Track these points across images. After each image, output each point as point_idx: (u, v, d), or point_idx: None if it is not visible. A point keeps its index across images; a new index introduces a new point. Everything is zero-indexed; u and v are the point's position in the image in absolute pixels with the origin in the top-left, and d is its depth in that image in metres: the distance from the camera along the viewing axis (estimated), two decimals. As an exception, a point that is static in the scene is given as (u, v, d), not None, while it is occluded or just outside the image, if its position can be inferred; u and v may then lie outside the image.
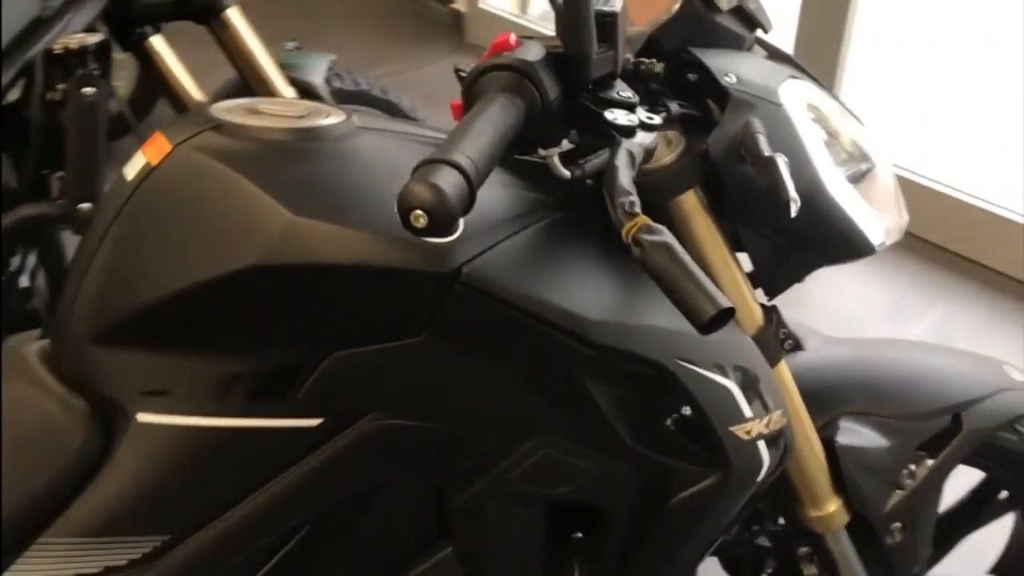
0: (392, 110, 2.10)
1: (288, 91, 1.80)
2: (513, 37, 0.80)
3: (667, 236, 0.72)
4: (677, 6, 0.91)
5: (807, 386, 1.11)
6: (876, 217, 1.01)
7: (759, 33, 0.98)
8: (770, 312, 1.03)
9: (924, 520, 1.24)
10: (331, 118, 0.87)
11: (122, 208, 0.83)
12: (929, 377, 1.21)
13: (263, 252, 0.78)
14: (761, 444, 0.94)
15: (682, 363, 0.87)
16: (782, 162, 0.84)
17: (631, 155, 0.77)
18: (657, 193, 0.92)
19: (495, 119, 0.73)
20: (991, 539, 1.42)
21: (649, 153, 0.82)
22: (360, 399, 0.86)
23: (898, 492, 1.19)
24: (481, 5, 3.88)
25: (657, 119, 0.82)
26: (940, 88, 3.36)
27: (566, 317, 0.83)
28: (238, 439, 0.85)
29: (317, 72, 1.93)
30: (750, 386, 0.92)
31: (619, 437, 0.89)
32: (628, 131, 0.79)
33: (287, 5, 3.74)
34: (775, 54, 1.02)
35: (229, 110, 0.87)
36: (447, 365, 0.85)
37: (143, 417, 0.84)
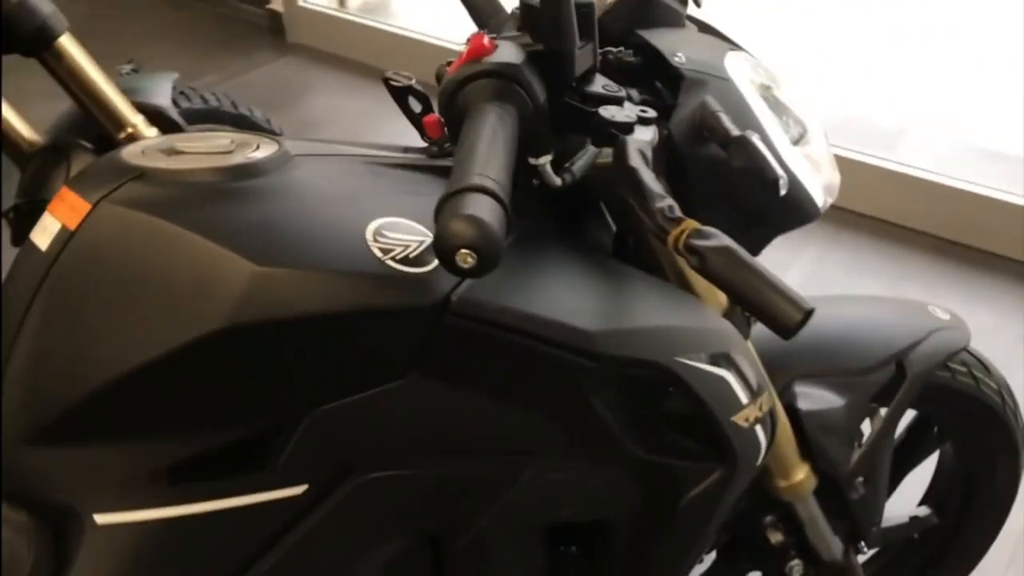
0: (246, 124, 1.97)
1: (136, 118, 1.64)
2: (487, 39, 0.73)
3: (725, 239, 0.67)
4: (622, -13, 0.86)
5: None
6: (817, 180, 1.00)
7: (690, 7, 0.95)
8: None
9: (882, 469, 1.25)
10: (262, 149, 0.78)
11: (40, 285, 0.71)
12: (867, 330, 1.22)
13: (230, 312, 0.68)
14: (758, 428, 0.91)
15: (682, 361, 0.83)
16: (757, 140, 0.81)
17: (642, 154, 0.72)
18: (609, 188, 0.87)
19: (500, 131, 0.66)
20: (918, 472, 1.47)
21: (653, 148, 0.76)
22: (347, 455, 0.78)
23: (858, 447, 1.21)
24: (300, 3, 3.72)
25: (652, 111, 0.76)
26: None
27: (566, 332, 0.77)
28: (216, 523, 0.75)
29: (162, 94, 1.78)
30: (740, 371, 0.89)
31: (625, 447, 0.84)
32: (628, 128, 0.73)
33: (87, 25, 3.47)
34: (703, 27, 0.99)
35: (144, 155, 0.76)
36: (439, 403, 0.78)
37: (101, 519, 0.73)
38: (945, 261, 2.58)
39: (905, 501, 1.49)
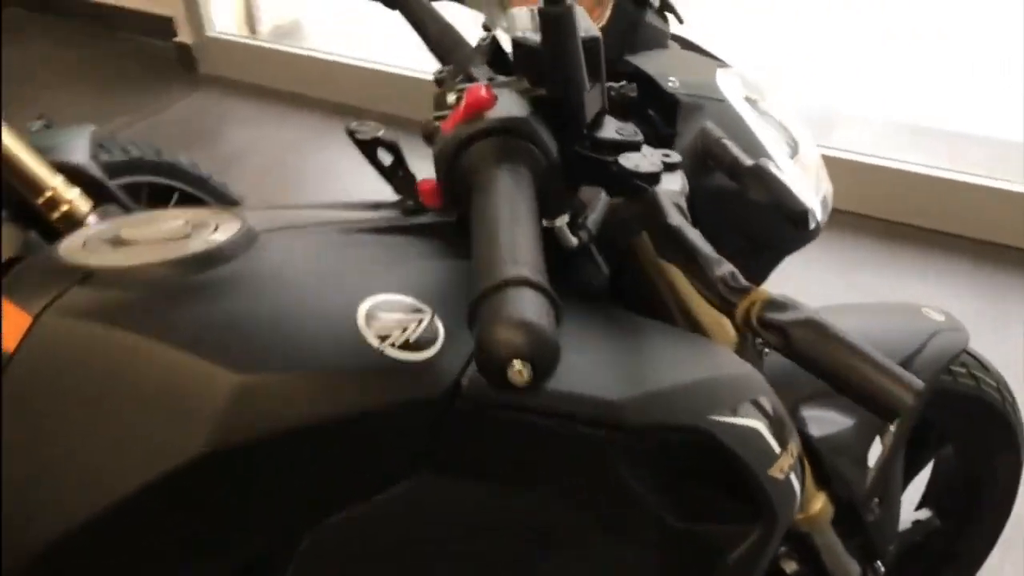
0: (172, 172, 1.84)
1: (55, 179, 1.51)
2: (484, 89, 0.63)
3: (806, 308, 0.58)
4: (608, 12, 0.78)
5: None
6: (814, 193, 0.94)
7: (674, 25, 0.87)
8: None
9: (895, 485, 1.20)
10: (222, 229, 0.68)
11: None
12: (867, 341, 1.16)
13: (213, 433, 0.58)
14: (792, 476, 0.84)
15: (714, 418, 0.75)
16: (773, 168, 0.73)
17: (680, 208, 0.63)
18: (622, 233, 0.79)
19: (520, 200, 0.56)
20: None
21: (685, 198, 0.68)
22: (352, 571, 0.68)
23: (871, 467, 1.15)
24: (210, 34, 3.57)
25: (675, 155, 0.68)
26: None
27: (590, 405, 0.69)
28: None
29: (80, 149, 1.64)
30: (769, 418, 0.81)
31: (661, 520, 0.76)
32: (655, 178, 0.65)
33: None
34: (684, 44, 0.91)
35: (87, 249, 0.65)
36: (453, 499, 0.69)
37: None
38: (895, 244, 2.58)
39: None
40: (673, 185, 0.66)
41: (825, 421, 1.10)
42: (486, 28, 0.92)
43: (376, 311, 0.64)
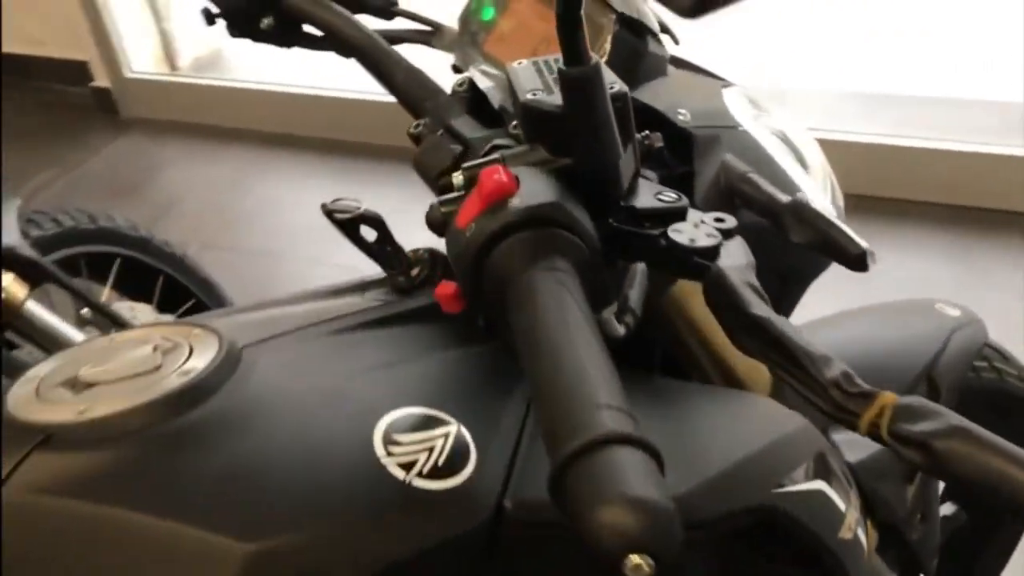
0: (113, 238, 1.71)
1: (-16, 267, 1.38)
2: (503, 171, 0.53)
3: (948, 414, 0.48)
4: (608, 45, 0.69)
5: None
6: (831, 205, 0.86)
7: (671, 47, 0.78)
8: None
9: (934, 499, 1.13)
10: (198, 351, 0.57)
11: None
12: (888, 349, 1.09)
13: None
14: (859, 531, 0.76)
15: (779, 491, 0.67)
16: (814, 204, 0.65)
17: (755, 290, 0.54)
18: (654, 292, 0.70)
19: (571, 309, 0.46)
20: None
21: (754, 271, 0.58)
22: None
23: (910, 485, 1.08)
24: (128, 75, 3.40)
25: (730, 219, 0.58)
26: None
27: None
28: None
29: (8, 229, 1.51)
30: (829, 473, 0.73)
31: None
32: (716, 252, 0.55)
33: None
34: (679, 63, 0.83)
35: (42, 399, 0.54)
36: None
37: None
38: (866, 217, 2.53)
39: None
40: (736, 258, 0.56)
41: (858, 444, 1.02)
42: (456, 69, 0.83)
43: (393, 434, 0.55)
